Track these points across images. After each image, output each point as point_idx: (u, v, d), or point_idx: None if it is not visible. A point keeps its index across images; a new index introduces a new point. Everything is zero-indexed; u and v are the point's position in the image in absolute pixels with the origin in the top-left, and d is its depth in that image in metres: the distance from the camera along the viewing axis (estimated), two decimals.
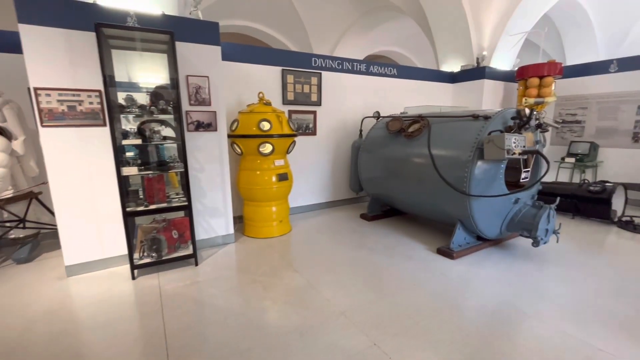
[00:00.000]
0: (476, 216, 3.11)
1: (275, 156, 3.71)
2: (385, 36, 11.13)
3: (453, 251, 3.21)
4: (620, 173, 5.24)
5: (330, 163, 5.08)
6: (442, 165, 3.25)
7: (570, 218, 4.49)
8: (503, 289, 2.60)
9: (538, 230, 2.97)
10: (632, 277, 2.79)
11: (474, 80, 5.93)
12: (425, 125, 3.61)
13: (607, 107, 5.34)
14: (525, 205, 3.23)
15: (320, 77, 4.66)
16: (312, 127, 4.76)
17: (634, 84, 5.01)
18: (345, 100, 5.04)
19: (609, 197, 4.11)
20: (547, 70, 5.22)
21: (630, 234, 3.91)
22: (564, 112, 5.88)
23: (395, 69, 5.48)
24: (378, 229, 4.13)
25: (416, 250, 3.43)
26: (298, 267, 3.04)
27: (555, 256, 3.23)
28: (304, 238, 3.84)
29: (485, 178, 3.02)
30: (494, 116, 3.08)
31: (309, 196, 4.96)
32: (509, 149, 2.67)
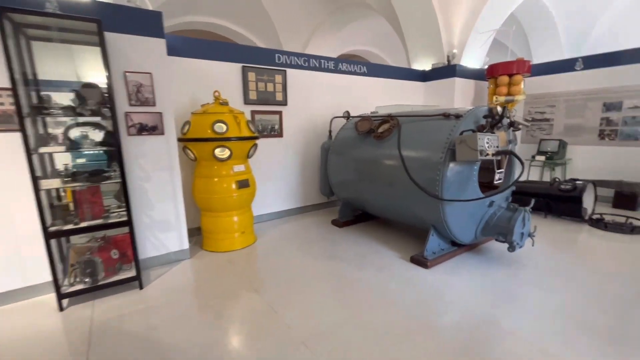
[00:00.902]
0: (450, 221, 2.91)
1: (234, 161, 3.37)
2: (358, 35, 10.98)
3: (427, 259, 2.99)
4: (587, 170, 5.29)
5: (299, 166, 4.78)
6: (413, 168, 3.03)
7: (543, 217, 4.43)
8: (479, 301, 2.40)
9: (514, 235, 2.81)
10: (608, 280, 2.68)
11: (445, 79, 5.82)
12: (395, 125, 3.39)
13: (574, 105, 5.38)
14: (500, 208, 3.07)
15: (285, 75, 4.35)
16: (277, 128, 4.44)
17: (599, 81, 5.06)
18: (313, 99, 4.76)
19: (579, 196, 4.08)
20: (516, 68, 5.18)
21: (601, 232, 3.87)
22: (533, 110, 5.89)
23: (365, 67, 5.27)
24: (349, 235, 3.88)
25: (389, 259, 3.20)
26: (259, 285, 2.72)
27: (531, 260, 3.09)
28: (269, 250, 3.52)
29: (458, 180, 2.83)
30: (466, 115, 2.90)
31: (277, 202, 4.64)
32: (482, 150, 2.48)
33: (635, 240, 3.61)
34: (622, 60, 4.81)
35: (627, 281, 2.65)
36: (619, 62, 4.85)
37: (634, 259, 3.10)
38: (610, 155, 5.05)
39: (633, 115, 4.78)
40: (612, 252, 3.28)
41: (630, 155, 4.86)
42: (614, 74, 4.90)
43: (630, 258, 3.11)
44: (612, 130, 5.00)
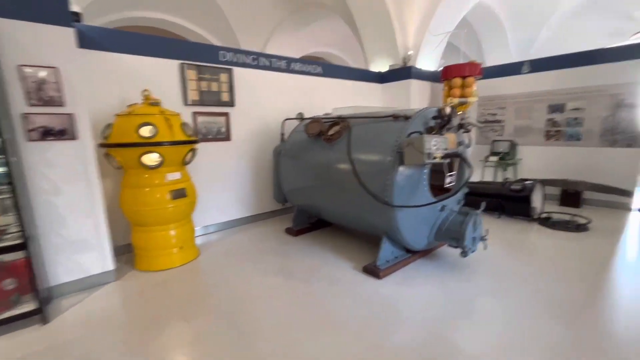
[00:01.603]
0: (402, 228, 2.76)
1: (168, 168, 3.00)
2: (319, 37, 10.84)
3: (379, 269, 2.82)
4: (536, 170, 5.46)
5: (251, 172, 4.47)
6: (363, 172, 2.85)
7: (497, 217, 4.47)
8: (433, 315, 2.25)
9: (465, 240, 2.72)
10: (557, 281, 2.66)
11: (402, 81, 5.79)
12: (345, 128, 3.20)
13: (522, 107, 5.54)
14: (452, 212, 2.97)
15: (232, 73, 4.03)
16: (224, 131, 4.10)
17: (544, 84, 5.24)
18: (266, 100, 4.47)
19: (528, 196, 4.14)
20: (468, 70, 5.24)
21: (549, 230, 3.94)
22: (485, 112, 6.02)
23: (320, 67, 5.07)
24: (303, 245, 3.63)
25: (342, 270, 2.99)
26: (191, 312, 2.38)
27: (483, 265, 3.03)
28: (212, 266, 3.18)
29: (408, 185, 2.68)
30: (415, 116, 2.77)
31: (226, 212, 4.29)
32: (429, 153, 2.34)
33: (579, 237, 3.69)
34: (564, 64, 5.02)
35: (574, 282, 2.64)
36: (561, 66, 5.05)
37: (578, 257, 3.13)
38: (556, 155, 5.25)
39: (575, 116, 4.99)
40: (559, 251, 3.30)
41: (573, 154, 5.07)
42: (557, 77, 5.10)
43: (575, 257, 3.15)
44: (557, 131, 5.20)
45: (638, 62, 4.39)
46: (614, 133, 4.67)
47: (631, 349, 1.86)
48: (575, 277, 2.73)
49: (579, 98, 4.91)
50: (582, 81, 4.86)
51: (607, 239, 3.59)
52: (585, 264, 2.99)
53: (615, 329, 2.04)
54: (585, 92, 4.84)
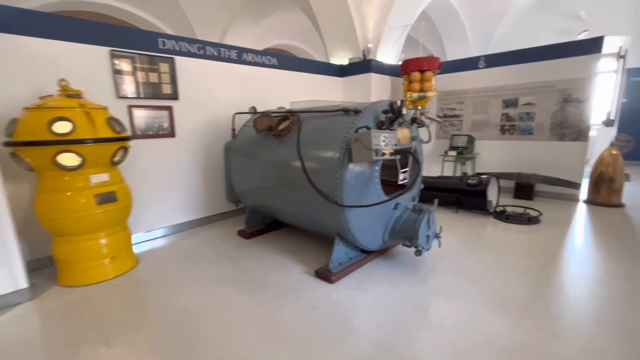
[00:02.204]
0: (354, 228, 2.61)
1: (91, 170, 2.64)
2: (282, 29, 10.50)
3: (331, 273, 2.66)
4: (493, 163, 5.58)
5: (200, 170, 4.15)
6: (313, 170, 2.66)
7: (455, 212, 4.48)
8: (384, 322, 2.11)
9: (419, 239, 2.62)
10: (508, 276, 2.63)
11: (362, 74, 5.67)
12: (295, 122, 2.99)
13: (479, 102, 5.62)
14: (406, 210, 2.87)
15: (174, 63, 3.68)
16: (167, 126, 3.75)
17: (499, 79, 5.33)
18: (215, 93, 4.15)
19: (484, 189, 4.17)
20: (426, 64, 5.21)
21: (503, 224, 3.99)
22: (445, 106, 6.06)
23: (276, 59, 4.81)
24: (256, 249, 3.40)
25: (293, 275, 2.80)
26: (116, 332, 2.09)
27: (439, 262, 2.96)
28: (151, 276, 2.87)
29: (359, 183, 2.53)
30: (365, 110, 2.61)
31: (173, 214, 3.94)
32: (377, 149, 2.19)
33: (532, 230, 3.76)
34: (516, 60, 5.12)
35: (525, 277, 2.63)
36: (513, 62, 5.15)
37: (529, 251, 3.16)
38: (510, 149, 5.38)
39: (527, 111, 5.12)
40: (512, 245, 3.32)
41: (526, 148, 5.21)
42: (510, 73, 5.20)
43: (526, 251, 3.17)
44: (511, 126, 5.32)
45: (583, 58, 4.55)
46: (563, 127, 4.84)
47: (576, 344, 1.83)
48: (526, 273, 2.72)
49: (531, 93, 5.04)
50: (532, 77, 4.98)
51: (556, 231, 3.68)
52: (535, 258, 3.01)
53: (563, 325, 2.02)
54: (536, 87, 4.97)
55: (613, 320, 2.05)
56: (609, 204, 4.58)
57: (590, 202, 4.74)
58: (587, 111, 4.63)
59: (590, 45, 4.50)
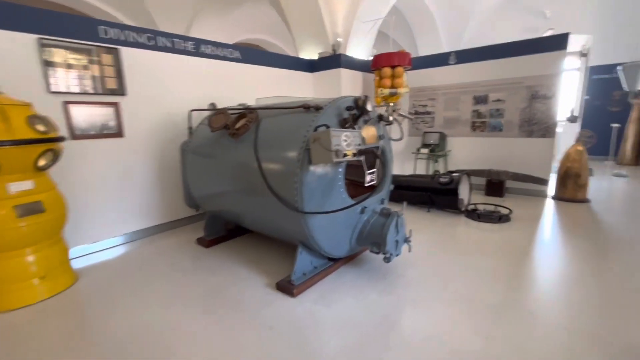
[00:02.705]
0: (317, 236, 2.39)
1: (10, 177, 2.26)
2: (251, 22, 10.12)
3: (293, 285, 2.43)
4: (464, 161, 5.54)
5: (155, 173, 3.79)
6: (271, 173, 2.42)
7: (427, 211, 4.38)
8: (347, 343, 1.91)
9: (387, 245, 2.44)
10: (480, 280, 2.51)
11: (332, 69, 5.46)
12: (253, 120, 2.72)
13: (450, 98, 5.56)
14: (374, 214, 2.68)
15: (118, 54, 3.30)
16: (114, 125, 3.36)
17: (470, 75, 5.28)
18: (170, 88, 3.80)
19: (456, 188, 4.08)
20: (397, 60, 5.06)
21: (475, 222, 3.92)
22: (417, 103, 5.97)
23: (239, 52, 4.50)
24: (214, 259, 3.11)
25: (252, 289, 2.54)
26: None
27: (409, 268, 2.80)
28: (90, 296, 2.53)
29: (320, 186, 2.31)
30: (327, 106, 2.39)
31: (125, 223, 3.57)
32: (338, 150, 1.97)
33: (503, 228, 3.70)
34: (485, 56, 5.08)
35: (498, 279, 2.52)
36: (483, 58, 5.11)
37: (500, 249, 3.07)
38: (481, 146, 5.36)
39: (497, 107, 5.10)
40: (483, 245, 3.23)
41: (496, 145, 5.20)
42: (480, 69, 5.16)
43: (497, 250, 3.08)
44: (482, 122, 5.29)
45: (549, 55, 4.56)
46: (531, 124, 4.85)
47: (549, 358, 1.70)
48: (498, 276, 2.62)
49: (500, 89, 5.02)
50: (502, 73, 4.96)
51: (526, 229, 3.63)
52: (506, 258, 2.92)
53: (536, 335, 1.90)
54: (505, 83, 4.95)
55: (585, 328, 1.96)
56: (575, 200, 4.64)
57: (558, 198, 4.79)
58: (554, 108, 4.66)
59: (556, 42, 4.51)
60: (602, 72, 8.42)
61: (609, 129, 7.28)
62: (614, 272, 2.63)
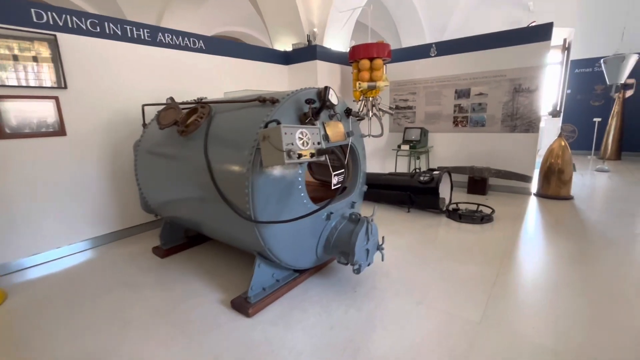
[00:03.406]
0: (275, 247, 2.10)
1: None
2: (228, 13, 9.66)
3: (249, 304, 2.14)
4: (446, 157, 5.34)
5: (108, 175, 3.42)
6: (222, 176, 2.11)
7: (406, 212, 4.14)
8: None
9: (356, 255, 2.17)
10: (458, 295, 2.28)
11: (307, 62, 5.14)
12: (205, 116, 2.40)
13: (432, 92, 5.33)
14: (342, 220, 2.41)
15: (56, 42, 2.91)
16: (54, 123, 2.98)
17: (451, 68, 5.05)
18: (122, 81, 3.42)
19: (436, 187, 3.85)
20: (376, 51, 4.79)
21: (456, 223, 3.70)
22: (397, 97, 5.72)
23: (202, 41, 4.14)
24: (169, 271, 2.79)
25: (204, 307, 2.24)
26: None
27: (383, 277, 2.55)
28: (18, 318, 2.18)
29: (277, 191, 2.01)
30: (285, 99, 2.09)
31: (72, 231, 3.20)
32: (290, 150, 1.68)
33: (485, 229, 3.50)
34: (467, 47, 4.86)
35: (479, 288, 2.29)
36: (464, 49, 4.88)
37: (482, 253, 2.86)
38: (463, 142, 5.15)
39: (479, 102, 4.90)
40: (464, 248, 3.01)
41: (479, 140, 5.01)
42: (462, 61, 4.93)
43: (479, 253, 2.86)
44: (464, 117, 5.08)
45: (532, 46, 4.36)
46: (514, 118, 4.66)
47: None
48: (479, 284, 2.39)
49: (483, 83, 4.81)
50: (484, 65, 4.75)
51: (509, 230, 3.44)
52: (489, 263, 2.70)
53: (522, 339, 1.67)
54: (488, 76, 4.74)
55: (572, 346, 1.74)
56: (558, 197, 4.49)
57: (541, 195, 4.63)
58: (537, 101, 4.47)
59: (540, 32, 4.31)
60: (584, 66, 8.36)
61: (592, 123, 7.22)
62: (602, 277, 2.43)
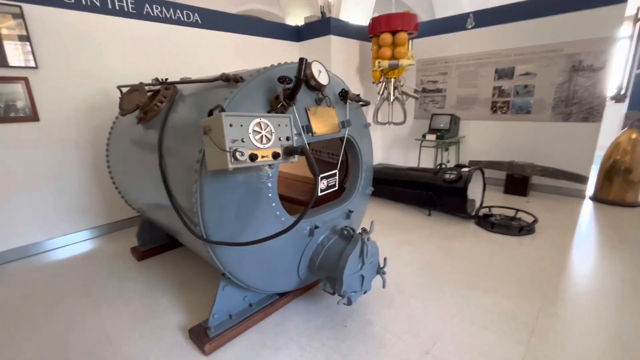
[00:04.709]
0: (238, 272, 1.65)
1: None
2: None
3: (207, 337, 1.71)
4: (480, 150, 4.57)
5: (89, 164, 3.13)
6: (174, 178, 1.66)
7: (427, 215, 3.52)
8: None
9: (344, 284, 1.66)
10: (485, 355, 1.71)
11: (321, 37, 4.52)
12: (167, 99, 1.94)
13: (466, 72, 4.52)
14: (333, 234, 1.89)
15: (22, 15, 2.56)
16: (25, 106, 2.68)
17: (491, 42, 4.21)
18: (104, 60, 3.07)
19: (464, 187, 3.18)
20: (399, 24, 4.07)
21: (487, 233, 3.04)
22: (425, 79, 4.96)
23: (197, 14, 3.66)
24: (139, 278, 2.45)
25: (158, 335, 1.85)
26: None
27: (384, 309, 2.02)
28: None
29: (234, 202, 1.52)
30: (252, 77, 1.58)
31: (45, 227, 2.95)
32: (236, 149, 1.17)
33: (524, 243, 2.82)
34: (515, 16, 3.98)
35: (512, 333, 1.70)
36: (511, 18, 4.01)
37: (519, 278, 2.22)
38: (503, 132, 4.35)
39: (525, 83, 4.05)
40: (495, 270, 2.38)
41: (521, 130, 4.19)
42: (506, 33, 4.08)
43: (515, 279, 2.24)
44: (505, 102, 4.26)
45: (602, 10, 3.43)
46: (569, 104, 3.80)
47: None
48: (513, 327, 1.80)
49: (530, 60, 3.95)
50: (533, 38, 3.87)
51: (556, 246, 2.74)
52: (527, 294, 2.08)
53: None
54: (537, 52, 3.87)
55: None
56: (622, 203, 3.63)
57: (599, 200, 3.79)
58: (603, 83, 3.58)
59: None
60: None
61: None
62: None
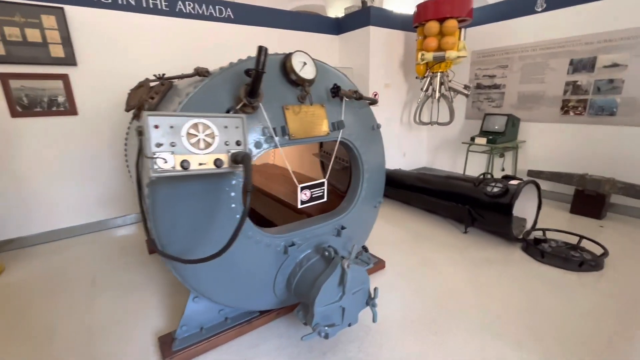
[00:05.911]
0: (201, 287, 1.51)
1: None
2: None
3: (170, 351, 1.61)
4: (544, 158, 3.81)
5: (121, 156, 3.31)
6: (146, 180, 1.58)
7: (462, 232, 3.02)
8: None
9: (316, 316, 1.41)
10: None
11: (359, 29, 4.19)
12: (159, 94, 1.88)
13: (532, 64, 3.79)
14: (315, 253, 1.63)
15: (64, 15, 2.77)
16: (64, 101, 2.91)
17: (567, 27, 3.44)
18: (137, 57, 3.20)
19: (510, 203, 2.63)
20: (449, 10, 3.55)
21: (536, 264, 2.47)
22: (480, 73, 4.30)
23: (230, 9, 3.63)
24: (144, 270, 2.51)
25: (132, 339, 1.81)
26: None
27: (373, 348, 1.71)
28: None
29: (190, 211, 1.36)
30: (221, 71, 1.41)
31: (81, 213, 3.20)
32: (158, 156, 1.00)
33: (584, 282, 2.22)
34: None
35: None
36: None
37: (565, 337, 1.71)
38: (574, 137, 3.55)
39: (610, 77, 3.22)
40: (536, 316, 1.89)
41: (600, 137, 3.36)
42: (586, 15, 3.28)
43: (559, 336, 1.73)
44: (581, 101, 3.46)
45: None
46: None
47: None
48: None
49: (619, 48, 3.11)
50: (624, 20, 3.04)
51: (629, 290, 2.09)
52: (586, 356, 1.58)
53: None
54: (629, 37, 3.04)
55: None
56: None
57: None
58: None
59: None
60: None
61: None
62: None
